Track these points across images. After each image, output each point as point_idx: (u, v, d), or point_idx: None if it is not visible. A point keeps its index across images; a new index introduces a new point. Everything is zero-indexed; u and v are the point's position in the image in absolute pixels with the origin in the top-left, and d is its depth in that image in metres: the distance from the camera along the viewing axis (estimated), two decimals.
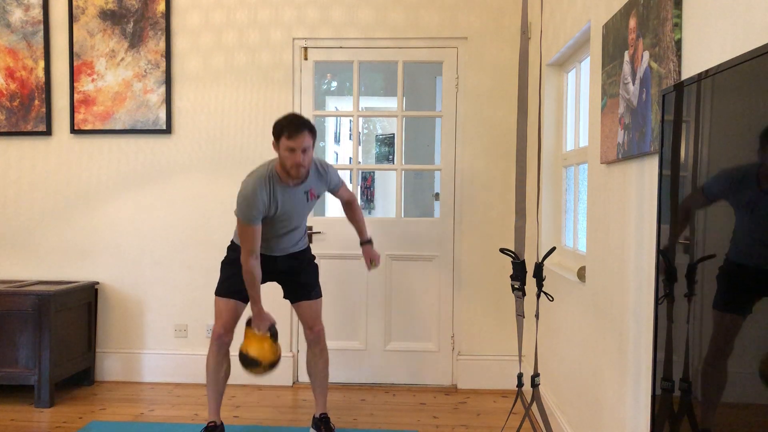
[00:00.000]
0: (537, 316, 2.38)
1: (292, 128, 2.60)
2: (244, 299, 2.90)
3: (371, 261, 3.10)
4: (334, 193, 3.06)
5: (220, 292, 2.93)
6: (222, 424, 2.97)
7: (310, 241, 3.75)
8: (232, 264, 2.91)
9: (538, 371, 2.86)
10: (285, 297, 3.07)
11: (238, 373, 3.52)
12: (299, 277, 2.99)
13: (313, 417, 3.08)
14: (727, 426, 1.17)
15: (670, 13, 1.70)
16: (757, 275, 1.07)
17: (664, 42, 1.74)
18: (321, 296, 3.05)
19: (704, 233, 1.27)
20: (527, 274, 2.46)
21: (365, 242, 3.13)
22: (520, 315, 2.46)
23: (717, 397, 1.21)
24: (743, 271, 1.12)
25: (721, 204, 1.20)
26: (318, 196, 2.92)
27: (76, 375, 3.80)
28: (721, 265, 1.20)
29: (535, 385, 2.39)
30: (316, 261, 3.10)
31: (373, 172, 6.87)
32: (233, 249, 2.94)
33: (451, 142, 3.84)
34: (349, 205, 3.14)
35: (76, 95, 3.86)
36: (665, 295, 1.45)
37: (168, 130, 3.84)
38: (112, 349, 3.93)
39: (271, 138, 2.94)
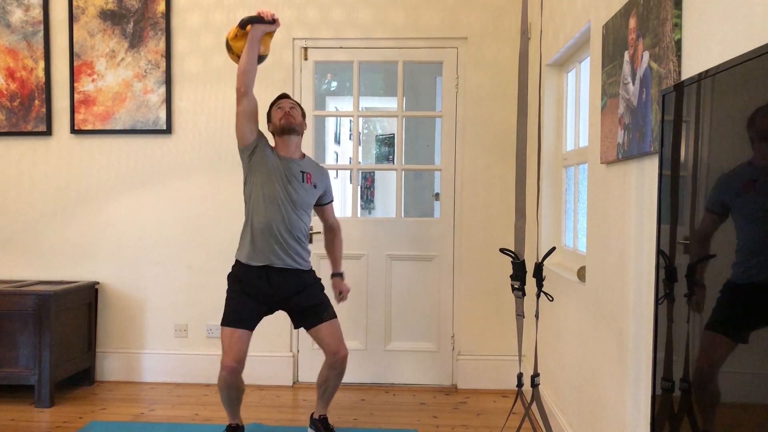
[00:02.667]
0: (537, 316, 2.38)
1: (277, 98, 2.98)
2: (251, 327, 2.81)
3: (340, 293, 3.05)
4: (323, 207, 3.03)
5: (226, 322, 2.79)
6: (243, 426, 2.95)
7: (310, 241, 3.75)
8: (235, 292, 2.83)
9: (538, 371, 2.86)
10: (296, 326, 2.94)
11: None
12: (306, 298, 2.87)
13: (311, 417, 3.07)
14: (727, 426, 1.17)
15: (670, 13, 1.70)
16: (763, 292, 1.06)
17: (664, 42, 1.74)
18: (336, 316, 2.93)
19: (704, 234, 1.27)
20: (527, 274, 2.46)
21: (337, 274, 3.07)
22: (520, 315, 2.46)
23: (717, 396, 1.21)
24: (749, 291, 1.09)
25: (725, 214, 1.20)
26: (315, 186, 2.92)
27: (76, 375, 3.80)
28: (722, 288, 1.18)
29: (535, 385, 2.39)
30: (321, 282, 2.98)
31: (373, 172, 6.87)
32: (234, 267, 2.88)
33: (451, 142, 3.84)
34: (332, 233, 3.08)
35: (76, 95, 3.86)
36: (665, 295, 1.45)
37: (168, 130, 3.84)
38: (112, 349, 3.93)
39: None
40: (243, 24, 2.79)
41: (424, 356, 3.88)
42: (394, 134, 6.68)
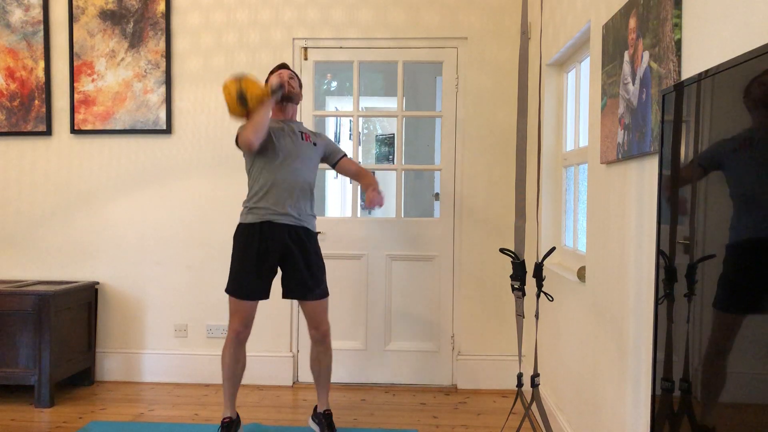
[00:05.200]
0: (537, 316, 2.38)
1: (276, 67, 3.06)
2: (257, 298, 2.89)
3: (371, 200, 2.88)
4: (339, 164, 3.09)
5: (232, 291, 2.88)
6: (238, 418, 2.98)
7: None
8: (239, 257, 2.89)
9: (538, 371, 2.86)
10: (285, 296, 2.98)
11: None
12: (304, 269, 2.91)
13: (315, 410, 3.08)
14: (728, 426, 1.17)
15: (670, 13, 1.70)
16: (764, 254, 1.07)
17: (664, 42, 1.74)
18: (328, 295, 3.00)
19: (704, 233, 1.27)
20: (527, 274, 2.46)
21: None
22: (520, 315, 2.46)
23: (717, 396, 1.21)
24: (749, 252, 1.10)
25: (720, 187, 1.20)
26: (315, 144, 3.00)
27: (76, 375, 3.80)
28: (724, 257, 1.20)
29: (534, 385, 2.39)
30: (322, 257, 3.03)
31: (373, 172, 6.86)
32: (237, 228, 2.94)
33: (451, 142, 3.84)
34: (363, 175, 3.10)
35: (76, 95, 3.86)
36: (665, 295, 1.45)
37: (168, 130, 3.84)
38: (112, 349, 3.93)
39: None
40: (242, 100, 2.78)
41: (424, 356, 3.88)
42: (394, 134, 6.67)
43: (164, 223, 3.89)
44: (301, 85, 3.08)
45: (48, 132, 3.88)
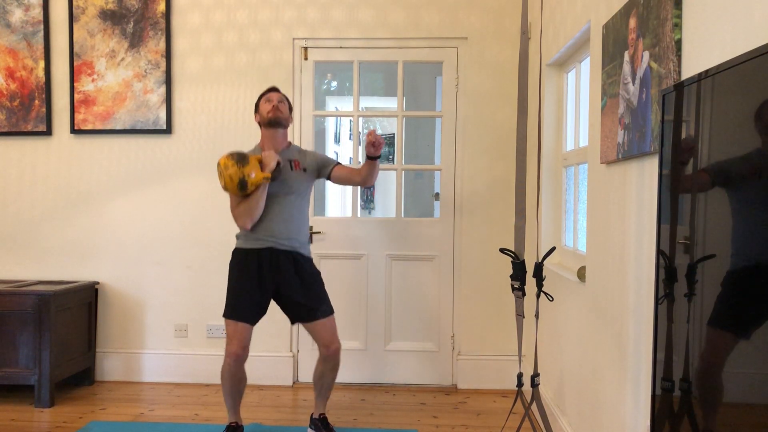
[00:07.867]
0: (537, 316, 2.38)
1: (266, 91, 3.01)
2: (253, 320, 2.86)
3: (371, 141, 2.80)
4: (333, 173, 3.00)
5: (229, 314, 2.85)
6: (242, 425, 2.97)
7: (311, 241, 3.75)
8: (235, 280, 2.87)
9: (538, 371, 2.87)
10: (293, 322, 2.95)
11: None
12: (305, 291, 2.89)
13: (311, 417, 3.08)
14: (728, 426, 1.17)
15: (670, 13, 1.70)
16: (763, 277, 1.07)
17: (664, 42, 1.74)
18: (333, 312, 2.95)
19: (704, 233, 1.27)
20: (527, 274, 2.46)
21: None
22: (520, 315, 2.46)
23: (717, 397, 1.21)
24: (752, 276, 1.10)
25: (722, 197, 1.20)
26: (305, 170, 2.95)
27: (76, 375, 3.80)
28: (723, 278, 1.19)
29: (534, 385, 2.39)
30: (321, 275, 3.00)
31: None
32: (234, 253, 2.93)
33: (451, 142, 3.84)
34: (356, 170, 3.01)
35: (76, 95, 3.86)
36: (665, 295, 1.45)
37: (168, 130, 3.84)
38: (112, 349, 3.93)
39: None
40: (243, 186, 2.73)
41: (424, 356, 3.88)
42: (394, 134, 6.67)
43: (164, 223, 3.89)
44: (291, 109, 3.01)
45: (48, 132, 3.88)
